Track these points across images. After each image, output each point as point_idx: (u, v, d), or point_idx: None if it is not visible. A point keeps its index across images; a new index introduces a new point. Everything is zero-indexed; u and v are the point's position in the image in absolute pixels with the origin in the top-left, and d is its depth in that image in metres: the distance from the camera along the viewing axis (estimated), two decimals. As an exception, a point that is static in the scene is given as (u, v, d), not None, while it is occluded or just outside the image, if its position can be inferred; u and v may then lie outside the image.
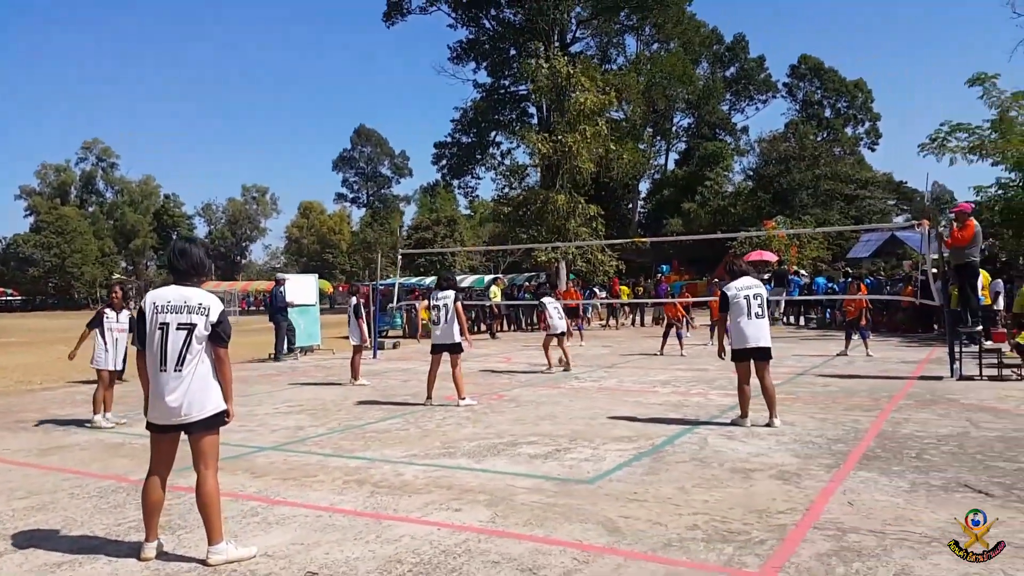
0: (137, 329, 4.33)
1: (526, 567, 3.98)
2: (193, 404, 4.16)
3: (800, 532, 4.40)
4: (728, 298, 7.79)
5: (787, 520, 4.63)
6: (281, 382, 12.61)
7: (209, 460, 4.30)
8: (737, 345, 7.72)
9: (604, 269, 29.54)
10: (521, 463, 6.30)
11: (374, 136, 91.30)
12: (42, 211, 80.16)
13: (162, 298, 4.23)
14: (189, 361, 4.15)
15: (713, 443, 6.90)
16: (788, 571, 3.83)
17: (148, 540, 4.34)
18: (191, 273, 4.29)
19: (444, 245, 51.60)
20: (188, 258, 4.27)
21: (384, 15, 47.48)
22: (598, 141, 27.84)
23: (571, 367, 13.08)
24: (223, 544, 4.25)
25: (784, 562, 3.95)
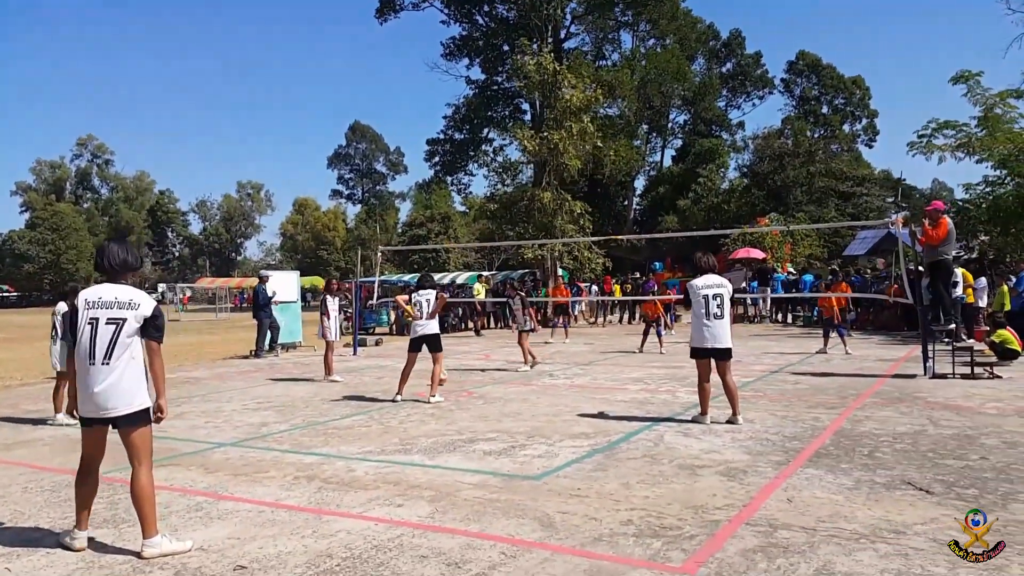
0: (69, 326, 4.41)
1: (453, 561, 4.02)
2: (121, 398, 4.27)
3: (731, 528, 4.45)
4: (688, 291, 7.85)
5: (722, 516, 4.67)
6: (257, 378, 12.63)
7: (141, 455, 4.41)
8: (696, 344, 7.78)
9: (591, 266, 29.55)
10: (474, 459, 6.34)
11: (369, 132, 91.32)
12: (37, 207, 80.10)
13: (93, 295, 4.34)
14: (117, 355, 4.26)
15: (669, 440, 6.94)
16: (710, 566, 3.88)
17: (79, 529, 4.44)
18: (118, 271, 4.40)
19: (438, 242, 51.66)
20: (113, 257, 4.39)
21: (377, 11, 47.33)
22: (584, 138, 27.81)
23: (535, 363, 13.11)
24: (158, 538, 4.30)
25: (708, 557, 3.99)
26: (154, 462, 6.43)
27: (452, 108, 47.84)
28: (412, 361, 9.81)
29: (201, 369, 14.59)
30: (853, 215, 44.22)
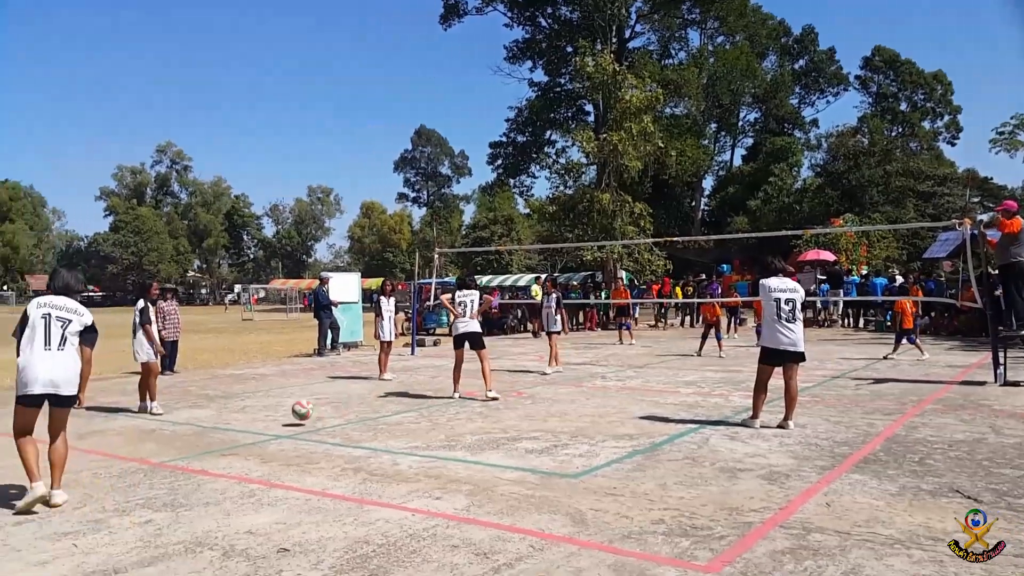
0: (20, 324, 5.39)
1: (482, 552, 4.15)
2: (69, 381, 5.31)
3: (763, 530, 4.45)
4: (760, 289, 7.69)
5: (755, 518, 4.67)
6: (317, 376, 13.04)
7: (65, 428, 5.50)
8: (770, 345, 7.59)
9: (652, 268, 29.30)
10: (515, 457, 6.46)
11: (434, 136, 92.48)
12: (120, 211, 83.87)
13: (47, 300, 5.48)
14: (67, 346, 5.34)
15: (714, 443, 6.92)
16: (737, 566, 3.90)
17: (35, 481, 5.19)
18: (64, 290, 5.56)
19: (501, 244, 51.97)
20: (61, 279, 5.63)
21: (441, 17, 47.98)
22: (646, 139, 27.60)
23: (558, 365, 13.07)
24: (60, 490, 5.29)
25: (735, 557, 4.01)
26: (216, 452, 6.83)
27: (514, 111, 48.11)
28: (460, 357, 10.08)
29: (267, 366, 15.14)
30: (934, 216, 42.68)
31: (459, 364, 10.08)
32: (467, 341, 9.92)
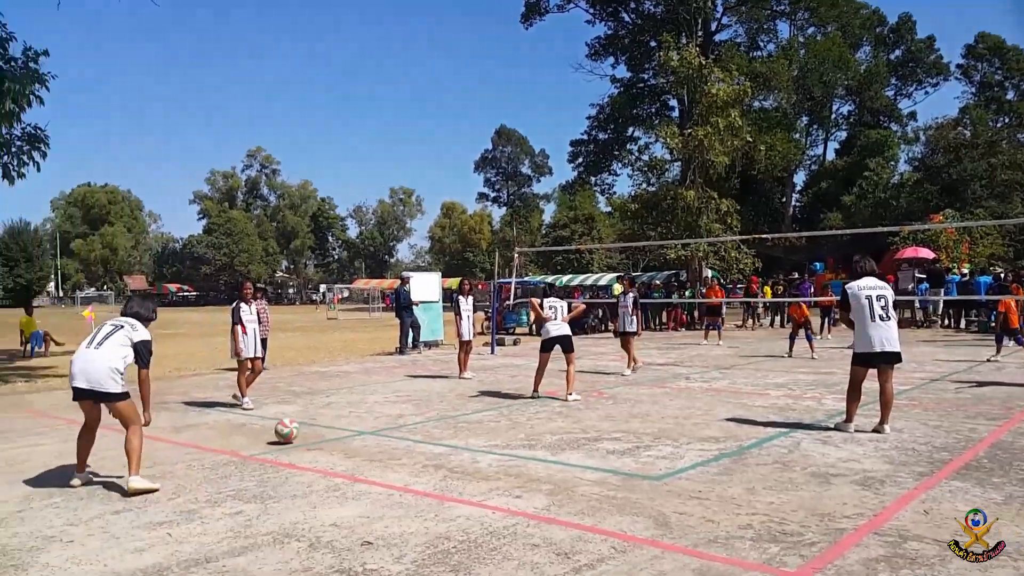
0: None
1: (563, 552, 4.10)
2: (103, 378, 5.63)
3: (856, 537, 4.25)
4: (848, 295, 7.42)
5: (848, 525, 4.47)
6: (399, 374, 13.24)
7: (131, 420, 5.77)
8: (861, 348, 7.27)
9: (739, 267, 28.57)
10: (596, 457, 6.38)
11: (514, 136, 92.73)
12: (212, 214, 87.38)
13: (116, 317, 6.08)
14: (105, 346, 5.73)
15: (805, 447, 6.67)
16: (828, 573, 3.74)
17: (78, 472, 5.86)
18: (133, 316, 6.05)
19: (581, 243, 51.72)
20: (131, 307, 6.18)
21: (522, 16, 48.02)
22: (733, 133, 26.91)
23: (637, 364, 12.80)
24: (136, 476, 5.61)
25: (826, 564, 3.84)
26: (303, 446, 7.00)
27: (596, 108, 47.79)
28: (545, 361, 10.00)
29: (351, 364, 15.47)
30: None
31: (543, 367, 10.02)
32: (558, 344, 9.83)
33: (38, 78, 12.43)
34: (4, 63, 12.46)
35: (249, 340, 9.49)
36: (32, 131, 12.99)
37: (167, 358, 16.79)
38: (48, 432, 8.07)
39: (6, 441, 7.67)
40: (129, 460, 5.60)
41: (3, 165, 12.65)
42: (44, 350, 19.03)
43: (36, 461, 6.66)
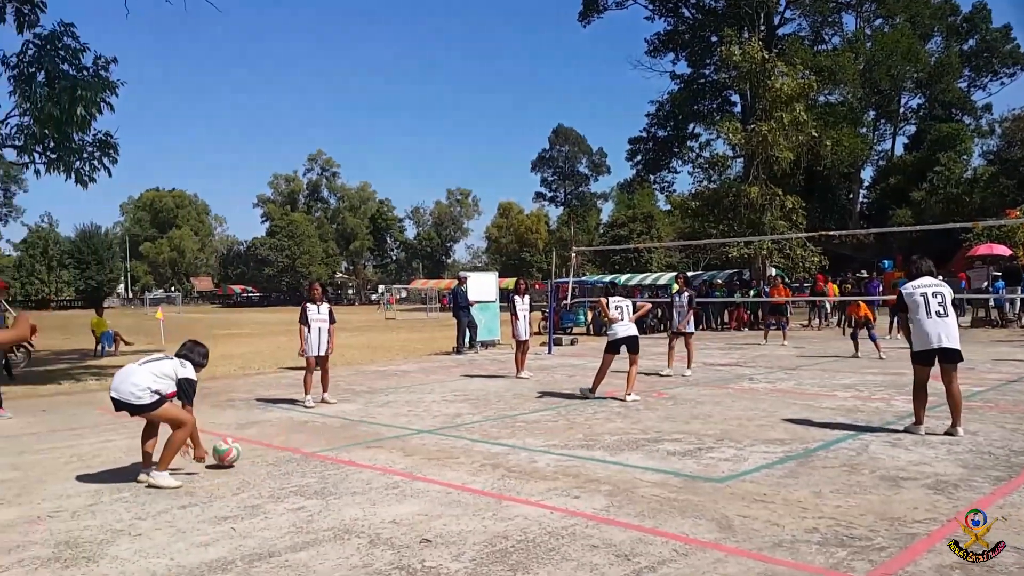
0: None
1: (623, 553, 4.03)
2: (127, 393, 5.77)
3: (929, 542, 4.07)
4: (903, 296, 7.22)
5: (920, 530, 4.29)
6: (456, 373, 13.28)
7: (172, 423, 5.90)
8: (918, 346, 7.07)
9: (805, 265, 27.85)
10: (656, 459, 6.26)
11: (572, 135, 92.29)
12: (275, 217, 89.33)
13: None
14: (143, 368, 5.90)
15: (874, 450, 6.44)
16: (899, 580, 3.58)
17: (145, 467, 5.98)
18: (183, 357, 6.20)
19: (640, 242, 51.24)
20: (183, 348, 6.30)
21: (580, 14, 47.90)
22: (798, 128, 26.26)
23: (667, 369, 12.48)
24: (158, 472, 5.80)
25: (897, 570, 3.69)
26: (362, 444, 7.07)
27: (655, 105, 47.37)
28: (608, 362, 9.86)
29: (409, 363, 15.61)
30: None
31: (605, 368, 9.87)
32: (624, 345, 9.69)
33: (108, 85, 12.83)
34: (76, 72, 12.88)
35: (313, 339, 9.63)
36: (103, 137, 13.42)
37: (233, 357, 17.22)
38: (118, 428, 8.31)
39: (78, 437, 7.93)
40: (162, 454, 5.80)
41: (75, 170, 13.05)
42: (114, 350, 19.67)
43: (106, 457, 6.88)
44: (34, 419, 9.24)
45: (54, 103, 12.08)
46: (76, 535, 4.62)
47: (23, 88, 12.44)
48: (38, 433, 8.27)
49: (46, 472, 6.36)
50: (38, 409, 10.07)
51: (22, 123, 12.94)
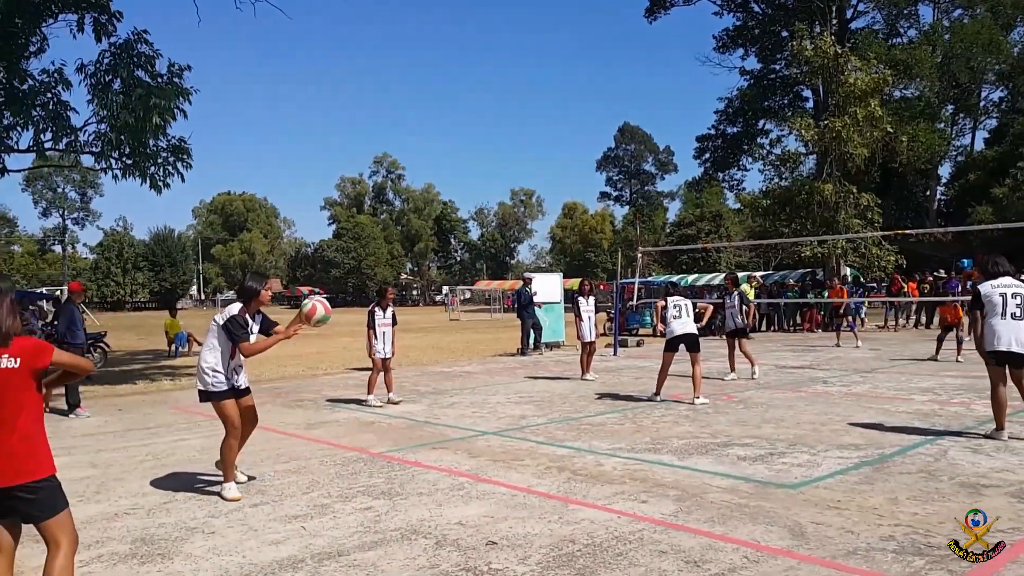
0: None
1: (692, 560, 3.96)
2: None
3: (1012, 553, 3.87)
4: (980, 295, 6.93)
5: (1004, 539, 4.08)
6: (520, 375, 13.29)
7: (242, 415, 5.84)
8: (990, 347, 6.83)
9: (880, 264, 26.94)
10: (726, 463, 6.14)
11: (638, 133, 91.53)
12: (342, 219, 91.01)
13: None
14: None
15: (953, 456, 6.18)
16: (985, 595, 3.43)
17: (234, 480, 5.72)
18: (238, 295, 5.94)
19: (708, 241, 50.46)
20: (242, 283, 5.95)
21: (646, 11, 47.34)
22: (873, 124, 25.44)
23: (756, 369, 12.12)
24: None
25: (981, 584, 3.53)
26: (428, 445, 7.12)
27: (724, 101, 46.49)
28: (668, 361, 9.74)
29: (473, 364, 15.70)
30: None
31: (666, 367, 9.76)
32: (683, 343, 9.56)
33: (182, 92, 13.22)
34: (151, 79, 13.28)
35: (379, 342, 9.80)
36: (177, 143, 13.78)
37: (301, 357, 17.61)
38: (192, 427, 8.60)
39: (154, 436, 8.20)
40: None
41: (150, 176, 13.44)
42: (188, 350, 20.29)
43: (180, 455, 7.11)
44: (111, 418, 9.58)
45: (130, 111, 12.43)
46: (152, 532, 4.78)
47: (100, 96, 12.82)
48: (115, 432, 8.56)
49: (123, 470, 6.59)
50: (115, 408, 10.43)
51: (99, 130, 13.30)
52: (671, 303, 9.74)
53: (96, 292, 75.04)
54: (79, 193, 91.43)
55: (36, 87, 13.12)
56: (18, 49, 13.01)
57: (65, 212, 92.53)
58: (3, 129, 13.03)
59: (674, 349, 9.68)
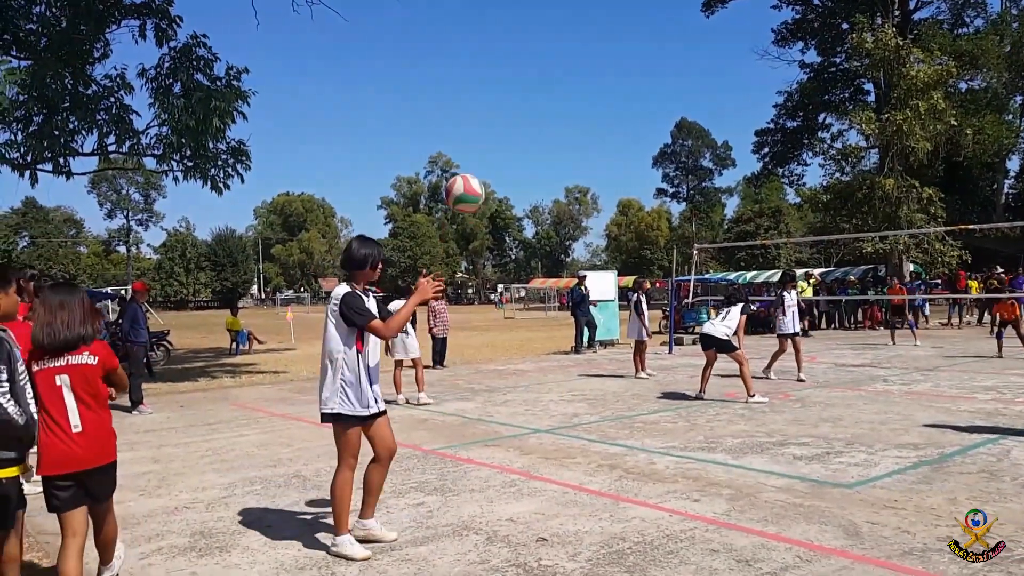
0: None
1: (744, 559, 3.95)
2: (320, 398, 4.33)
3: (1082, 560, 3.76)
4: None
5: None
6: (574, 373, 13.30)
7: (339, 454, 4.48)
8: None
9: (944, 260, 26.14)
10: (781, 463, 6.07)
11: (695, 129, 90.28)
12: (398, 219, 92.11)
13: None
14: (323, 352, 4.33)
15: (1016, 456, 6.01)
16: (1046, 599, 3.34)
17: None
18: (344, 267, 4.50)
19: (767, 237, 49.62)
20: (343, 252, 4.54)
21: (703, 4, 46.74)
22: (934, 117, 24.69)
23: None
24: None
25: (1043, 588, 3.44)
26: (481, 442, 7.17)
27: (783, 95, 45.58)
28: (707, 359, 9.87)
29: (527, 362, 15.75)
30: None
31: (705, 365, 9.89)
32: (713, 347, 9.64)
33: (240, 95, 13.52)
34: (210, 82, 13.62)
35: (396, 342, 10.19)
36: (236, 145, 14.09)
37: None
38: (251, 423, 8.85)
39: (214, 432, 8.44)
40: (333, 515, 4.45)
41: (211, 178, 13.82)
42: (248, 348, 20.79)
43: (239, 451, 7.30)
44: (173, 414, 9.87)
45: (190, 114, 12.75)
46: (210, 526, 4.93)
47: (161, 100, 13.19)
48: (176, 428, 8.82)
49: (184, 465, 6.79)
50: (177, 405, 10.75)
51: (161, 133, 13.65)
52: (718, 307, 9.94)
53: (159, 292, 77.37)
54: (143, 195, 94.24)
55: (99, 92, 13.52)
56: (83, 55, 13.39)
57: (129, 213, 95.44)
58: (68, 133, 13.39)
59: (707, 348, 9.75)
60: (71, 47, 13.00)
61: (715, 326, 9.67)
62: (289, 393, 11.55)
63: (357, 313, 4.12)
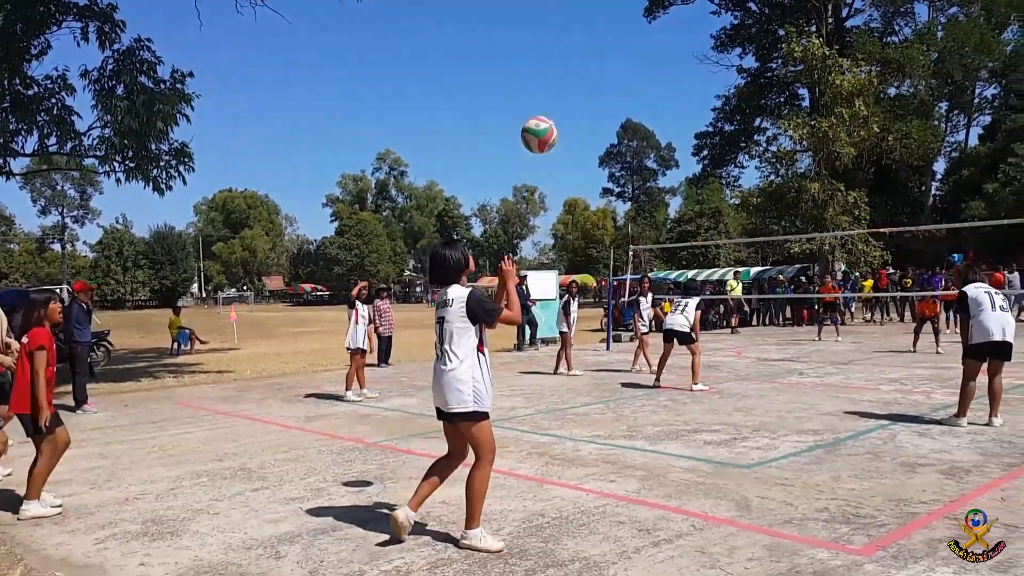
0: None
1: (645, 528, 4.50)
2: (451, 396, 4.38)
3: (926, 520, 4.44)
4: (968, 297, 7.44)
5: (922, 510, 4.66)
6: (515, 369, 13.84)
7: (477, 451, 4.51)
8: (979, 339, 7.30)
9: (867, 259, 27.51)
10: (692, 447, 6.68)
11: (640, 130, 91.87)
12: (344, 216, 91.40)
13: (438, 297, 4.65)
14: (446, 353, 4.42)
15: (900, 440, 6.73)
16: (889, 550, 3.99)
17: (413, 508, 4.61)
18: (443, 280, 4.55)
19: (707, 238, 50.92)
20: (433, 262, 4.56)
21: (645, 10, 47.74)
22: (857, 123, 25.98)
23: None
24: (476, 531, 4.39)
25: (890, 543, 4.09)
26: (421, 435, 7.58)
27: (722, 99, 46.93)
28: (666, 351, 10.74)
29: (471, 359, 16.15)
30: None
31: (664, 355, 10.82)
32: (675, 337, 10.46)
33: (184, 98, 13.62)
34: (154, 84, 13.65)
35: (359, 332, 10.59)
36: (179, 147, 14.15)
37: (303, 354, 18.14)
38: (196, 421, 9.08)
39: (159, 429, 8.65)
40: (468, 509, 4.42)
41: (153, 179, 13.83)
42: (190, 348, 20.70)
43: (186, 447, 7.57)
44: (118, 413, 9.97)
45: (133, 116, 12.80)
46: (161, 514, 5.24)
47: (104, 102, 13.19)
48: (122, 426, 8.98)
49: (132, 460, 7.02)
50: (121, 404, 10.82)
51: (103, 134, 13.65)
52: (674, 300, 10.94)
53: (96, 290, 75.27)
54: (78, 191, 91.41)
55: (40, 92, 13.46)
56: (19, 53, 13.27)
57: (64, 210, 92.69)
58: (8, 134, 13.31)
59: (668, 341, 10.56)
60: (7, 46, 12.90)
61: (675, 318, 10.44)
62: (233, 392, 11.78)
63: (491, 309, 4.35)
